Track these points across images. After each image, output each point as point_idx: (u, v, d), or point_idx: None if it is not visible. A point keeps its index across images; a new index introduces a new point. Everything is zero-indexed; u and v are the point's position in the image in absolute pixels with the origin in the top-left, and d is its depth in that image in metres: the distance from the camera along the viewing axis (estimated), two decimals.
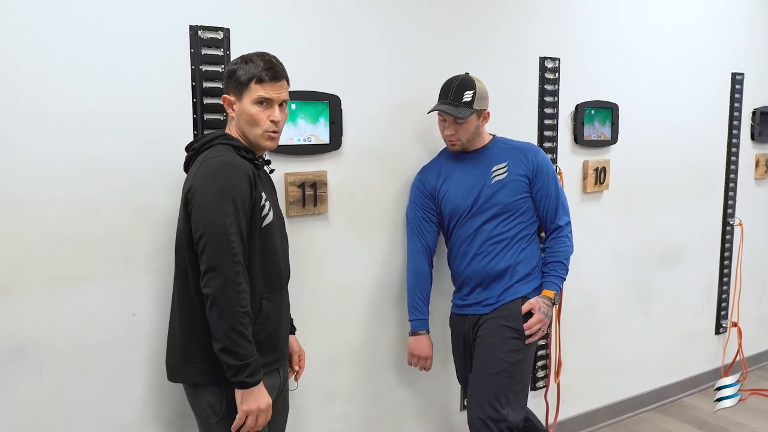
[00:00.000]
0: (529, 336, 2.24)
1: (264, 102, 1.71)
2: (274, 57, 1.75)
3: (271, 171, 1.89)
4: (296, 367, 2.03)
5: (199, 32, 1.98)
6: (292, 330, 2.02)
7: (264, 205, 1.72)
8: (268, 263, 1.75)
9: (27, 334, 1.80)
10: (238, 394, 1.65)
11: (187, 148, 1.80)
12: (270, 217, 1.74)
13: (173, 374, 1.76)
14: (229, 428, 1.69)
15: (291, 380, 2.00)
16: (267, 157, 1.90)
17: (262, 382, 1.67)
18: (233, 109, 1.74)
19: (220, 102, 2.03)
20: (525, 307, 2.25)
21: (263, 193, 1.73)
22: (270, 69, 1.70)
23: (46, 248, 1.80)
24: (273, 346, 1.78)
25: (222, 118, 2.03)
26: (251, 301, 1.66)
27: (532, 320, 2.24)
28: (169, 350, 1.77)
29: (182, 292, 1.72)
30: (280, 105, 1.74)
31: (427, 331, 2.37)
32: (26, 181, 1.76)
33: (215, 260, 1.59)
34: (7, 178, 1.74)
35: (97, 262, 1.87)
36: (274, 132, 1.74)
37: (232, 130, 1.77)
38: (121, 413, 1.95)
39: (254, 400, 1.65)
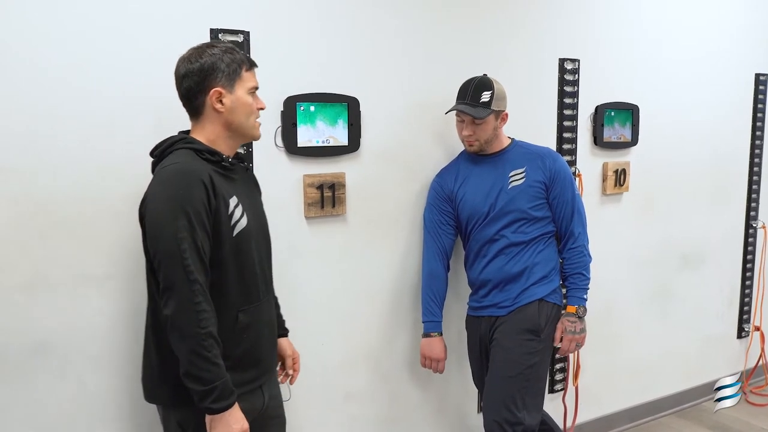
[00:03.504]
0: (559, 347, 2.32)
1: (254, 90, 1.66)
2: None
3: (247, 168, 1.75)
4: (290, 371, 1.92)
5: (220, 35, 2.00)
6: (284, 333, 1.94)
7: (234, 212, 1.59)
8: (244, 273, 1.63)
9: (50, 332, 1.83)
10: (207, 419, 1.53)
11: (151, 153, 1.67)
12: (243, 223, 1.61)
13: (149, 395, 1.67)
14: None
15: (285, 391, 1.91)
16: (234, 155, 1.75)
17: (237, 405, 1.53)
18: (222, 103, 1.60)
19: None
20: (557, 336, 2.29)
21: (233, 198, 1.60)
22: (248, 56, 1.63)
23: (69, 247, 1.83)
24: (255, 361, 1.67)
25: None
26: (225, 317, 1.57)
27: (563, 343, 2.29)
28: (144, 369, 1.67)
29: (151, 310, 1.63)
30: None
31: (440, 333, 2.36)
32: (49, 181, 1.80)
33: (170, 279, 1.48)
34: (31, 178, 1.77)
35: (120, 261, 1.90)
36: (257, 120, 1.69)
37: (205, 129, 1.64)
38: (145, 411, 1.96)
39: (224, 426, 1.51)
